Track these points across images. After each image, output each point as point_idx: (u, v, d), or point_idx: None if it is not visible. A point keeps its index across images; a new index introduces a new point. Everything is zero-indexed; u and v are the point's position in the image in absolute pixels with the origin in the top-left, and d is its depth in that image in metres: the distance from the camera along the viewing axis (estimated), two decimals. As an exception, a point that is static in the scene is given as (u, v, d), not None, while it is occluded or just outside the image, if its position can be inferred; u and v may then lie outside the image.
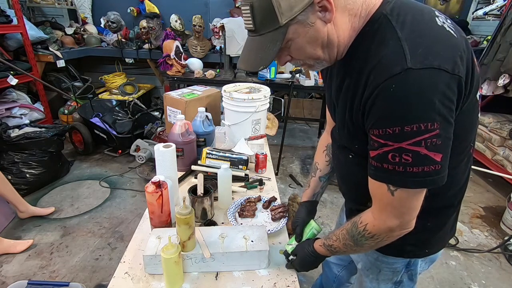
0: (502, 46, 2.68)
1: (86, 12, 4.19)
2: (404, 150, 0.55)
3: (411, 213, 0.63)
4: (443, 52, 0.54)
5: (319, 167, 1.05)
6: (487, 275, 1.95)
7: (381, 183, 0.62)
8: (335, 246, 0.78)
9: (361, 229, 0.69)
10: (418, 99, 0.52)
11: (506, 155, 2.76)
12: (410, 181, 0.57)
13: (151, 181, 0.96)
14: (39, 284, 1.54)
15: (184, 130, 1.37)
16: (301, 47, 0.62)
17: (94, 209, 2.41)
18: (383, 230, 0.66)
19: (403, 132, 0.54)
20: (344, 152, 0.79)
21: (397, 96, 0.53)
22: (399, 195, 0.60)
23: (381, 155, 0.58)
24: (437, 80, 0.52)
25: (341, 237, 0.75)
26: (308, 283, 1.75)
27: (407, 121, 0.53)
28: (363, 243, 0.70)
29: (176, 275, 0.83)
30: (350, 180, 0.84)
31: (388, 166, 0.58)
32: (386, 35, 0.57)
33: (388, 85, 0.54)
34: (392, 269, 0.85)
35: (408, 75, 0.52)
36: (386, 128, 0.56)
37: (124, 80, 3.98)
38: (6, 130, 2.53)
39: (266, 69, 2.90)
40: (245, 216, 1.16)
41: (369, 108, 0.58)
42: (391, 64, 0.54)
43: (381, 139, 0.57)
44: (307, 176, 3.00)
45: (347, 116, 0.68)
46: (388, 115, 0.55)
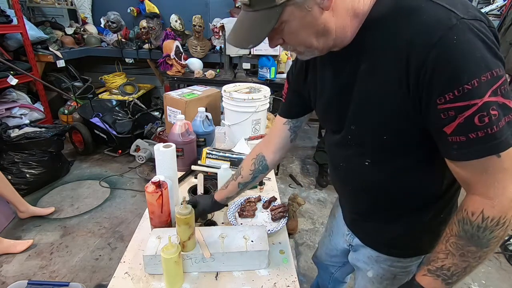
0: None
1: (86, 12, 4.19)
2: (490, 104, 0.48)
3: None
4: (478, 10, 0.53)
5: (243, 174, 0.98)
6: (487, 275, 1.95)
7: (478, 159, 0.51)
8: (448, 265, 0.58)
9: (478, 220, 0.54)
10: (485, 45, 0.49)
11: (506, 155, 2.76)
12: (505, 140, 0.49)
13: (151, 181, 0.96)
14: (39, 284, 1.54)
15: (184, 130, 1.37)
16: (295, 31, 0.59)
17: (94, 209, 2.41)
18: (507, 206, 0.52)
19: (481, 83, 0.48)
20: (357, 159, 0.71)
21: (465, 45, 0.48)
22: (505, 157, 0.50)
23: (463, 124, 0.50)
24: (486, 29, 0.51)
25: (452, 249, 0.57)
26: (308, 283, 1.75)
27: (483, 69, 0.48)
28: (489, 238, 0.54)
29: (176, 275, 0.84)
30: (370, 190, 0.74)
31: (476, 134, 0.49)
32: (414, 3, 0.53)
33: (449, 38, 0.49)
34: (406, 272, 0.81)
35: (467, 24, 0.49)
36: (464, 85, 0.48)
37: (124, 80, 3.98)
38: (6, 130, 2.53)
39: (266, 69, 2.90)
40: (245, 216, 1.16)
41: (430, 73, 0.51)
42: (441, 20, 0.50)
43: (459, 102, 0.49)
44: (307, 176, 3.01)
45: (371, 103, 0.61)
46: (461, 69, 0.49)
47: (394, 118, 0.59)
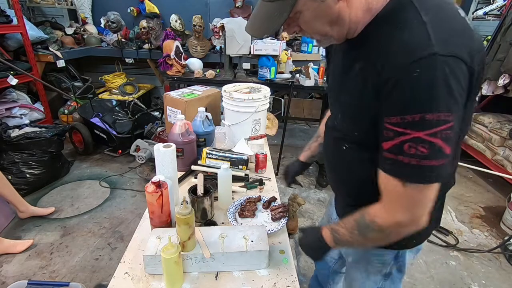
0: (502, 46, 2.68)
1: (86, 12, 4.19)
2: (422, 140, 0.52)
3: (423, 207, 0.59)
4: (464, 41, 0.53)
5: (321, 135, 1.08)
6: (487, 275, 1.95)
7: (393, 177, 0.58)
8: (341, 232, 0.73)
9: (368, 220, 0.66)
10: (443, 87, 0.50)
11: (506, 155, 2.76)
12: (426, 175, 0.55)
13: (151, 181, 0.96)
14: (39, 284, 1.54)
15: (184, 130, 1.37)
16: (309, 20, 0.61)
17: (94, 209, 2.41)
18: (392, 224, 0.63)
19: (424, 120, 0.51)
20: (338, 143, 0.77)
21: (423, 80, 0.50)
22: (412, 190, 0.57)
23: (397, 146, 0.55)
24: (457, 69, 0.51)
25: (348, 225, 0.71)
26: (308, 283, 1.75)
27: (430, 109, 0.51)
28: (368, 235, 0.67)
29: (176, 275, 0.83)
30: (342, 173, 0.81)
31: (403, 159, 0.55)
32: (409, 18, 0.55)
33: (413, 68, 0.51)
34: (381, 261, 0.86)
35: (435, 60, 0.50)
36: (406, 115, 0.52)
37: (124, 80, 3.98)
38: (6, 130, 2.53)
39: (266, 69, 2.90)
40: (245, 216, 1.16)
41: (387, 92, 0.55)
42: (416, 47, 0.51)
43: (398, 128, 0.54)
44: (307, 176, 3.01)
45: (355, 100, 0.65)
46: (410, 101, 0.52)
47: (363, 120, 0.64)
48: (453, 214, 2.55)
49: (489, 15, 3.16)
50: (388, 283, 0.88)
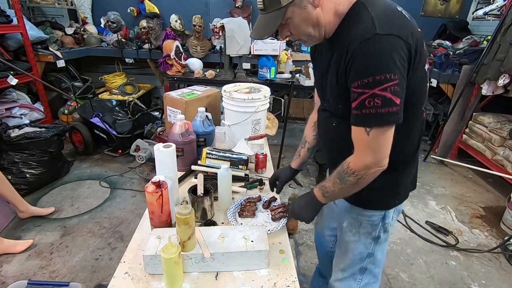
0: (502, 46, 2.68)
1: (86, 12, 4.19)
2: (376, 95, 0.72)
3: (383, 150, 0.78)
4: (400, 26, 0.74)
5: (308, 140, 1.22)
6: (487, 275, 1.95)
7: (360, 127, 0.77)
8: (327, 186, 0.91)
9: (345, 166, 0.84)
10: (384, 56, 0.70)
11: (506, 155, 2.76)
12: (381, 119, 0.74)
13: (151, 181, 0.96)
14: (39, 284, 1.54)
15: (184, 130, 1.37)
16: (298, 25, 0.81)
17: (94, 209, 2.41)
18: (361, 167, 0.81)
19: (375, 80, 0.71)
20: (330, 120, 0.95)
21: (370, 53, 0.71)
22: (373, 134, 0.76)
23: (360, 103, 0.74)
24: (395, 43, 0.71)
25: (332, 178, 0.89)
26: (308, 283, 1.75)
27: (377, 72, 0.70)
28: (346, 180, 0.84)
29: (176, 275, 0.83)
30: (334, 143, 0.99)
31: (365, 111, 0.74)
32: (362, 15, 0.75)
33: (363, 46, 0.71)
34: (370, 222, 1.01)
35: (377, 39, 0.70)
36: (363, 79, 0.72)
37: (124, 80, 3.98)
38: (6, 130, 2.53)
39: (266, 69, 2.90)
40: (245, 216, 1.16)
41: (350, 66, 0.75)
42: (365, 32, 0.72)
43: (359, 89, 0.73)
44: (307, 176, 3.01)
45: (335, 81, 0.83)
46: (363, 68, 0.72)
47: (341, 92, 0.83)
48: (453, 214, 2.55)
49: (489, 15, 3.16)
50: (377, 247, 1.05)
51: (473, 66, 3.03)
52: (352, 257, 1.07)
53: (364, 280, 1.11)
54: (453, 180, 3.10)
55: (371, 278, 1.11)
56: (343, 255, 1.11)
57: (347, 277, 1.12)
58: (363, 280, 1.11)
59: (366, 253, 1.06)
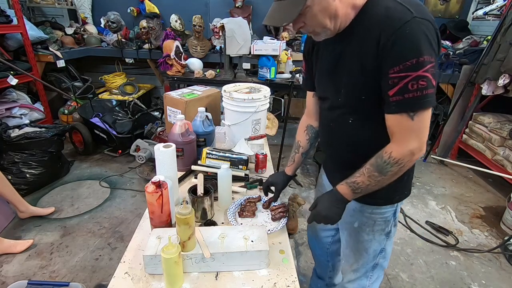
0: (502, 46, 2.68)
1: (86, 12, 4.19)
2: (421, 77, 0.71)
3: (426, 133, 0.78)
4: (428, 12, 0.75)
5: (302, 145, 1.20)
6: (487, 275, 1.95)
7: (402, 114, 0.76)
8: (359, 181, 0.86)
9: (386, 157, 0.81)
10: (424, 38, 0.71)
11: (506, 155, 2.76)
12: (426, 101, 0.74)
13: (151, 181, 0.96)
14: (39, 284, 1.54)
15: (184, 130, 1.37)
16: (315, 14, 0.77)
17: (94, 209, 2.41)
18: (406, 154, 0.79)
19: (418, 62, 0.70)
20: (344, 118, 0.92)
21: (412, 36, 0.71)
22: (418, 119, 0.75)
23: (402, 88, 0.73)
24: (430, 27, 0.73)
25: (365, 172, 0.85)
26: (308, 283, 1.75)
27: (420, 54, 0.70)
28: (388, 170, 0.81)
29: (176, 275, 0.83)
30: (348, 141, 0.96)
31: (409, 95, 0.73)
32: (387, 3, 0.75)
33: (403, 29, 0.71)
34: (384, 219, 1.01)
35: (416, 21, 0.71)
36: (406, 62, 0.71)
37: (124, 80, 3.98)
38: (6, 130, 2.53)
39: (266, 69, 2.90)
40: (245, 216, 1.16)
41: (386, 53, 0.73)
42: (401, 16, 0.72)
43: (401, 73, 0.72)
44: (307, 176, 3.01)
45: (358, 72, 0.81)
46: (406, 51, 0.71)
47: (367, 82, 0.81)
48: (453, 214, 2.55)
49: (489, 15, 3.16)
50: (388, 241, 1.06)
51: (473, 66, 3.03)
52: (366, 256, 1.07)
53: (374, 276, 1.12)
54: (453, 180, 3.10)
55: (380, 272, 1.13)
56: (355, 255, 1.10)
57: (360, 276, 1.12)
58: (374, 276, 1.12)
59: (379, 249, 1.06)
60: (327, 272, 1.43)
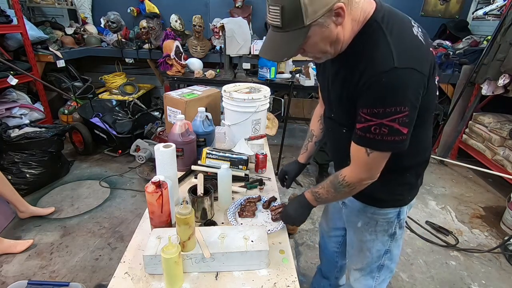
0: (502, 46, 2.68)
1: (86, 12, 4.19)
2: (384, 125, 0.74)
3: (378, 169, 0.84)
4: (417, 57, 0.74)
5: (315, 134, 1.24)
6: (487, 275, 1.95)
7: (361, 147, 0.81)
8: (320, 192, 0.97)
9: (340, 179, 0.89)
10: (399, 90, 0.71)
11: (506, 155, 2.76)
12: (384, 146, 0.77)
13: (151, 181, 0.96)
14: (39, 284, 1.54)
15: (184, 130, 1.37)
16: (316, 43, 0.76)
17: (94, 209, 2.41)
18: (356, 181, 0.87)
19: (385, 111, 0.72)
20: (339, 128, 0.96)
21: (385, 86, 0.71)
22: (373, 156, 0.80)
23: (366, 128, 0.77)
24: (412, 77, 0.72)
25: (325, 186, 0.95)
26: (308, 283, 1.75)
27: (389, 104, 0.72)
28: (341, 190, 0.90)
29: (176, 275, 0.83)
30: (341, 150, 0.98)
31: (369, 136, 0.77)
32: (379, 39, 0.74)
33: (380, 78, 0.71)
34: (386, 220, 1.02)
35: (394, 72, 0.70)
36: (373, 108, 0.74)
37: (124, 80, 3.98)
38: (6, 130, 2.53)
39: (266, 69, 2.90)
40: (245, 216, 1.16)
41: (362, 92, 0.76)
42: (383, 62, 0.71)
43: (368, 116, 0.75)
44: (307, 176, 3.01)
45: (344, 98, 0.84)
46: (376, 99, 0.73)
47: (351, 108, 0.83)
48: (453, 214, 2.55)
49: (489, 15, 3.16)
50: (393, 243, 1.06)
51: (473, 66, 3.03)
52: (370, 256, 1.08)
53: (381, 277, 1.13)
54: (453, 180, 3.10)
55: (388, 274, 1.13)
56: (359, 255, 1.12)
57: (365, 275, 1.13)
58: (380, 277, 1.13)
59: (384, 250, 1.07)
60: (334, 272, 1.43)
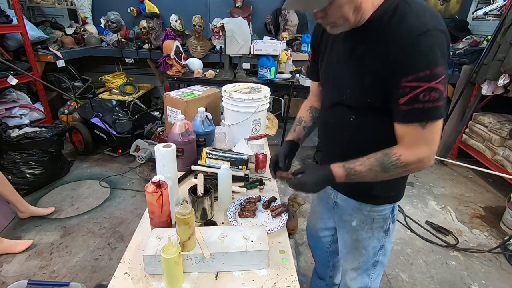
0: (502, 46, 2.68)
1: (86, 12, 4.19)
2: (433, 88, 0.71)
3: (436, 143, 0.78)
4: (442, 22, 0.74)
5: (304, 119, 1.17)
6: (487, 275, 1.95)
7: (412, 124, 0.76)
8: (357, 169, 0.85)
9: (394, 158, 0.80)
10: (438, 50, 0.71)
11: (506, 155, 2.76)
12: (437, 113, 0.74)
13: (151, 181, 0.96)
14: (39, 284, 1.54)
15: (184, 130, 1.37)
16: (342, 5, 0.74)
17: (94, 209, 2.41)
18: (415, 161, 0.79)
19: (432, 73, 0.71)
20: (345, 115, 0.91)
21: (428, 47, 0.71)
22: (429, 129, 0.75)
23: (413, 98, 0.73)
24: (444, 39, 0.73)
25: (367, 163, 0.84)
26: (308, 283, 1.75)
27: (434, 65, 0.71)
28: (392, 170, 0.82)
29: (176, 275, 0.83)
30: (343, 142, 0.96)
31: (419, 106, 0.73)
32: (404, 9, 0.74)
33: (419, 39, 0.71)
34: (382, 217, 1.02)
35: (431, 33, 0.71)
36: (419, 72, 0.71)
37: (124, 80, 3.98)
38: (6, 130, 2.53)
39: (266, 69, 2.90)
40: (245, 216, 1.16)
41: (402, 60, 0.73)
42: (417, 26, 0.72)
43: (414, 83, 0.72)
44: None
45: (364, 76, 0.81)
46: (421, 62, 0.71)
47: (375, 86, 0.81)
48: (453, 214, 2.55)
49: (489, 15, 3.16)
50: (387, 238, 1.06)
51: (473, 66, 3.03)
52: (366, 254, 1.08)
53: (376, 273, 1.13)
54: (453, 180, 3.10)
55: (381, 269, 1.14)
56: (354, 254, 1.11)
57: (361, 274, 1.13)
58: (375, 273, 1.13)
59: (379, 246, 1.07)
60: (328, 272, 1.43)
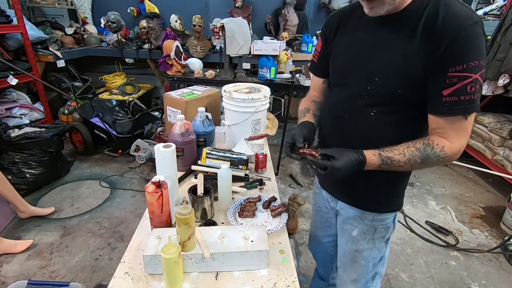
0: (502, 46, 2.68)
1: (86, 12, 4.19)
2: (477, 80, 0.71)
3: (470, 133, 0.79)
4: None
5: (311, 108, 1.06)
6: (487, 275, 1.95)
7: (456, 116, 0.75)
8: (395, 159, 0.80)
9: (438, 149, 0.78)
10: (484, 42, 0.71)
11: (506, 155, 2.76)
12: (477, 105, 0.73)
13: (151, 181, 0.96)
14: (39, 284, 1.54)
15: (184, 130, 1.37)
16: None
17: (94, 209, 2.41)
18: (456, 153, 0.79)
19: (480, 64, 0.70)
20: (365, 109, 0.86)
21: (478, 37, 0.70)
22: (469, 120, 0.75)
23: (460, 89, 0.72)
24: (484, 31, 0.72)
25: (407, 153, 0.79)
26: (308, 283, 1.75)
27: (482, 56, 0.70)
28: (432, 162, 0.79)
29: (176, 275, 0.83)
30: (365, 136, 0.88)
31: (464, 97, 0.72)
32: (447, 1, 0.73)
33: (472, 28, 0.70)
34: (384, 226, 0.99)
35: (480, 25, 0.71)
36: (470, 62, 0.70)
37: (124, 80, 3.98)
38: (6, 130, 2.53)
39: (266, 69, 2.90)
40: (245, 216, 1.16)
41: (452, 48, 0.70)
42: (468, 16, 0.71)
43: (463, 73, 0.70)
44: (307, 176, 3.01)
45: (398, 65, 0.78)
46: (472, 51, 0.70)
47: (410, 77, 0.77)
48: (453, 214, 2.55)
49: (489, 15, 3.16)
50: (387, 249, 1.04)
51: (473, 66, 3.02)
52: (365, 265, 1.04)
53: (374, 284, 1.10)
54: (453, 180, 3.10)
55: (379, 279, 1.11)
56: (353, 265, 1.08)
57: (359, 287, 1.09)
58: (373, 286, 1.10)
59: (379, 258, 1.04)
60: (331, 274, 1.42)
